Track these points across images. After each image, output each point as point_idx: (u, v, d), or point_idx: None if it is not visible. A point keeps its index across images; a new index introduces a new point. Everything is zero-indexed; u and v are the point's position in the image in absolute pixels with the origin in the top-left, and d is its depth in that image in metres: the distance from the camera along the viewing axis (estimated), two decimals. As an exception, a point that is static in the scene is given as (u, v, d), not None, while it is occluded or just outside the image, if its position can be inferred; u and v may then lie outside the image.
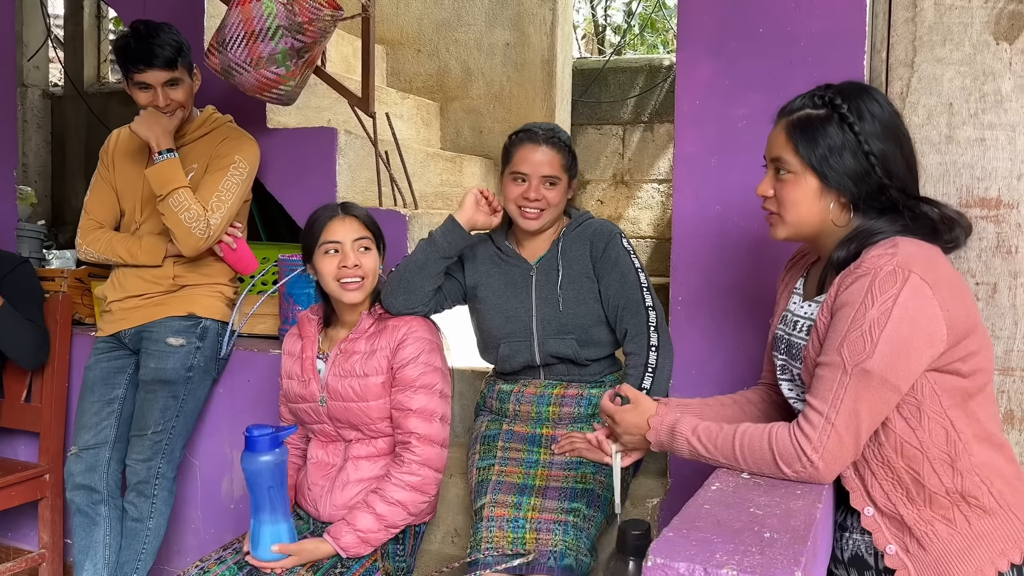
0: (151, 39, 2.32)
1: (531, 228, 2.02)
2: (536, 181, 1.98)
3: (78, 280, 2.96)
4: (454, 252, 2.03)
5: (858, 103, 1.35)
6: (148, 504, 2.43)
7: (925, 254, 1.29)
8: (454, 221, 2.00)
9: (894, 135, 1.36)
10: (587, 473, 1.96)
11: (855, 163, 1.33)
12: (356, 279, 1.94)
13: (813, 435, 1.25)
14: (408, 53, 4.12)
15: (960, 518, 1.30)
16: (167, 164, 2.35)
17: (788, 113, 1.41)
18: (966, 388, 1.30)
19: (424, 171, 3.36)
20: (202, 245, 2.39)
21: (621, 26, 6.62)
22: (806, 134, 1.36)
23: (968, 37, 1.84)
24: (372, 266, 1.97)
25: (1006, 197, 1.83)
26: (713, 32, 1.98)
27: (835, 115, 1.35)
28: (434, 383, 1.95)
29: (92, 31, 5.67)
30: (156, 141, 2.35)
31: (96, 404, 2.50)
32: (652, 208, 4.46)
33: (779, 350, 1.50)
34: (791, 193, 1.38)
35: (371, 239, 1.98)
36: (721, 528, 1.09)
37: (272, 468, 1.83)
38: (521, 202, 2.00)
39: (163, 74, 2.35)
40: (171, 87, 2.38)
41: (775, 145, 1.41)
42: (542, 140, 2.00)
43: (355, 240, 1.95)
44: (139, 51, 2.32)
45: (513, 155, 2.02)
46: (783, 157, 1.38)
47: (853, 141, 1.33)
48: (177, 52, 2.36)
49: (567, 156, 2.02)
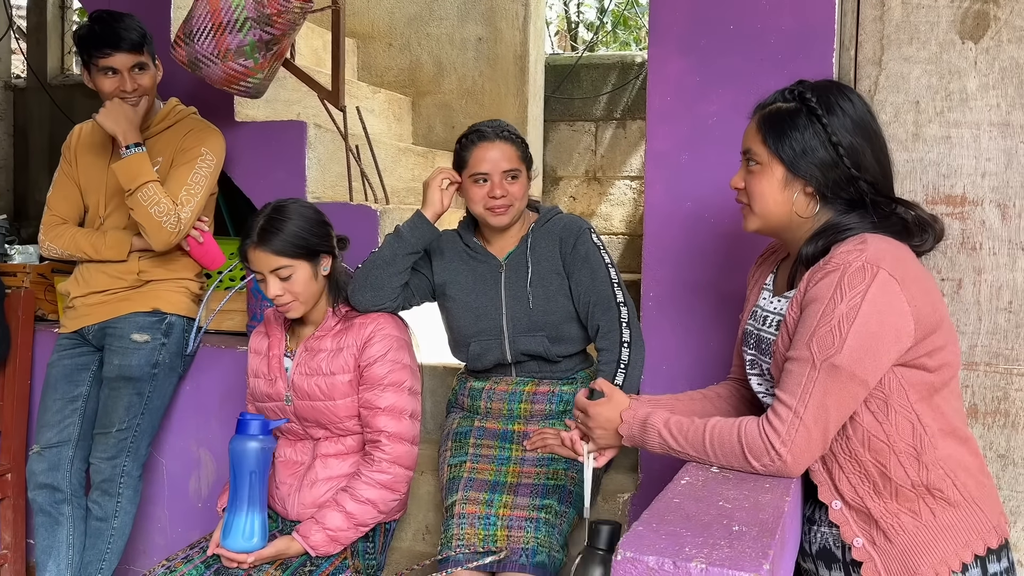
0: (116, 24, 2.30)
1: (502, 224, 2.01)
2: (498, 178, 1.97)
3: (41, 276, 2.90)
4: (421, 246, 2.01)
5: (828, 98, 1.37)
6: (113, 503, 2.39)
7: (893, 250, 1.30)
8: (421, 216, 1.99)
9: (864, 132, 1.37)
10: (559, 469, 1.95)
11: (823, 153, 1.35)
12: (287, 303, 1.91)
13: (782, 429, 1.26)
14: (379, 47, 4.08)
15: (925, 510, 1.31)
16: (135, 158, 2.31)
17: (761, 108, 1.43)
18: (932, 383, 1.31)
19: (395, 166, 3.34)
20: (173, 240, 2.35)
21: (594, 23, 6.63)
22: (774, 126, 1.38)
23: (935, 36, 1.86)
24: (300, 288, 1.90)
25: (971, 194, 1.85)
26: (684, 29, 1.98)
27: (804, 108, 1.37)
28: (403, 380, 1.94)
29: (56, 22, 5.56)
30: (123, 135, 2.30)
31: (59, 402, 2.46)
32: (624, 204, 4.48)
33: (748, 345, 1.51)
34: (758, 184, 1.40)
35: (289, 265, 1.87)
36: (690, 522, 1.09)
37: (257, 454, 1.83)
38: (487, 202, 1.98)
39: (130, 58, 2.31)
40: (138, 72, 2.34)
41: (747, 138, 1.43)
42: (494, 136, 1.98)
43: (272, 271, 1.88)
44: (104, 35, 2.29)
45: (468, 158, 1.99)
46: (752, 148, 1.41)
47: (821, 132, 1.35)
48: (143, 37, 2.33)
49: (521, 147, 2.02)
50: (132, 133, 2.32)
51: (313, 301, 1.95)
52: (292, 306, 1.91)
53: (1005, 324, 1.83)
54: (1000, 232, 1.83)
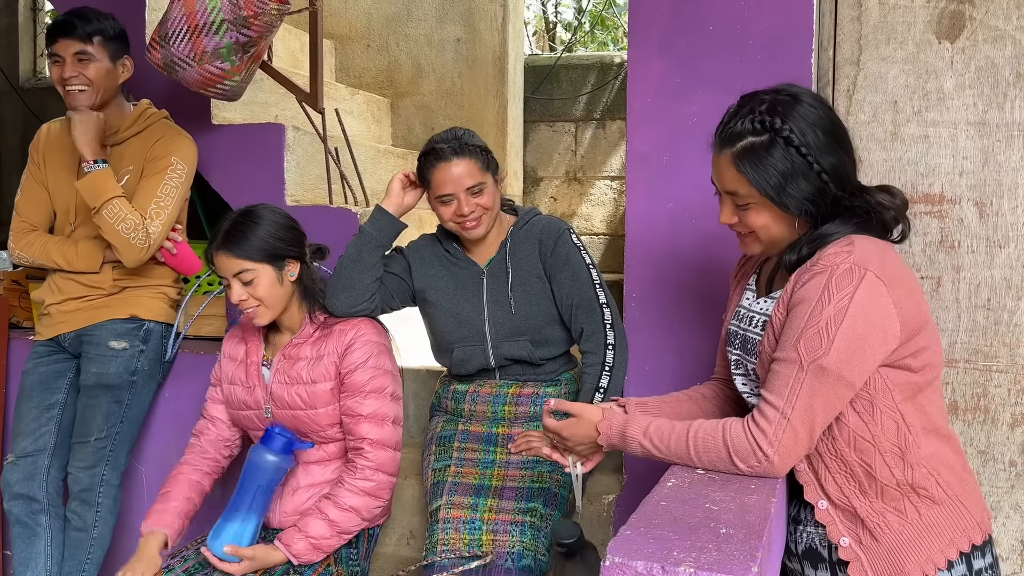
0: (73, 13, 2.28)
1: (478, 236, 1.99)
2: (463, 196, 1.93)
3: (15, 282, 2.86)
4: (386, 240, 2.00)
5: (795, 119, 1.31)
6: (92, 513, 2.35)
7: (879, 252, 1.30)
8: (381, 209, 1.99)
9: (838, 139, 1.34)
10: (543, 472, 1.95)
11: (809, 185, 1.31)
12: (251, 308, 1.89)
13: (768, 429, 1.26)
14: (357, 48, 4.06)
15: (911, 509, 1.32)
16: (98, 175, 2.25)
17: (728, 142, 1.35)
18: (916, 382, 1.32)
19: (375, 168, 3.32)
20: (143, 255, 2.29)
21: (572, 23, 6.64)
22: (755, 166, 1.32)
23: (912, 36, 1.87)
24: (264, 293, 1.88)
25: (948, 193, 1.87)
26: (664, 30, 1.98)
27: (779, 140, 1.31)
28: (384, 386, 1.92)
29: (28, 24, 5.48)
30: (84, 151, 2.25)
31: (34, 410, 2.41)
32: (605, 205, 4.48)
33: (733, 345, 1.51)
34: (757, 220, 1.36)
35: (250, 269, 1.86)
36: (677, 525, 1.09)
37: (272, 469, 1.84)
38: (457, 219, 1.96)
39: (72, 44, 2.27)
40: (81, 61, 2.29)
41: (726, 179, 1.37)
42: (451, 154, 1.92)
43: (235, 275, 1.87)
44: (57, 23, 2.28)
45: (431, 180, 1.95)
46: (739, 191, 1.35)
47: (803, 164, 1.30)
48: (97, 30, 2.29)
49: (481, 156, 1.95)
50: (95, 149, 2.26)
51: (280, 307, 1.92)
52: (258, 311, 1.89)
53: (984, 321, 1.85)
54: (978, 230, 1.85)
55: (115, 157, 2.38)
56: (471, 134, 1.99)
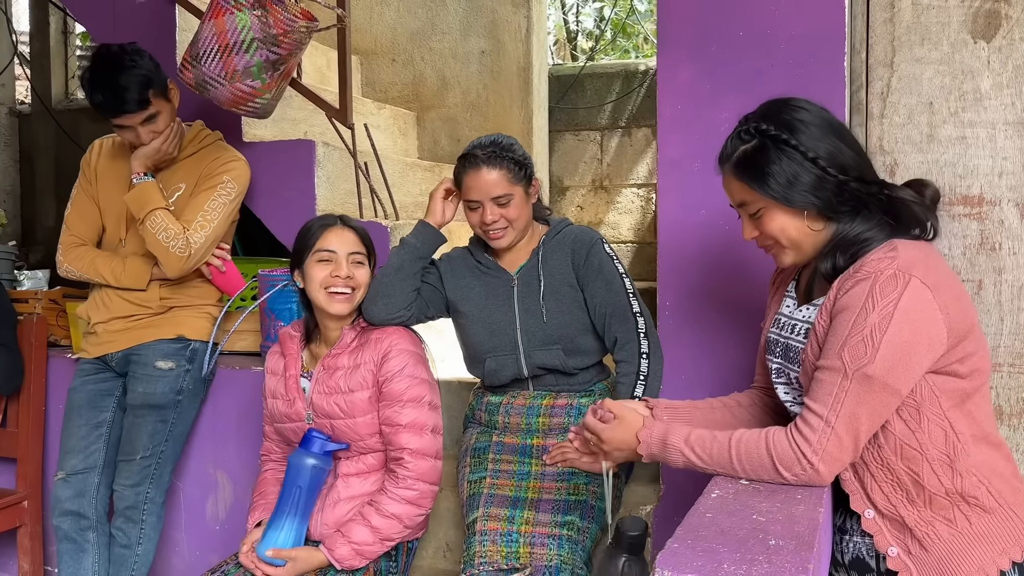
0: (115, 83, 2.23)
1: (501, 246, 2.01)
2: (488, 205, 1.95)
3: (53, 301, 2.90)
4: (427, 251, 2.03)
5: (783, 118, 1.35)
6: (137, 530, 2.38)
7: (924, 257, 1.29)
8: (424, 223, 2.03)
9: (832, 130, 1.36)
10: (579, 484, 1.94)
11: (807, 176, 1.33)
12: (346, 290, 1.92)
13: (813, 438, 1.24)
14: (383, 63, 4.09)
15: (961, 518, 1.29)
16: (145, 186, 2.32)
17: (726, 159, 1.41)
18: (964, 389, 1.30)
19: (403, 181, 3.34)
20: (184, 265, 2.33)
21: (593, 32, 6.64)
22: (752, 172, 1.36)
23: (946, 36, 1.85)
24: (364, 280, 1.95)
25: (988, 195, 1.84)
26: (693, 36, 1.98)
27: (767, 140, 1.34)
28: (422, 395, 1.93)
29: (59, 47, 5.58)
30: (134, 164, 2.33)
31: (83, 428, 2.44)
32: (632, 212, 4.47)
33: (774, 354, 1.50)
34: (773, 226, 1.38)
35: (364, 255, 1.97)
36: (725, 537, 1.08)
37: (311, 470, 1.88)
38: (482, 227, 1.98)
39: (137, 116, 2.29)
40: (149, 123, 2.32)
41: (734, 192, 1.42)
42: (483, 162, 1.94)
43: (350, 253, 1.94)
44: (108, 102, 2.25)
45: (463, 183, 1.98)
46: (745, 200, 1.39)
47: (796, 155, 1.33)
48: (146, 86, 2.26)
49: (513, 168, 1.95)
50: (146, 165, 2.34)
51: (357, 304, 1.98)
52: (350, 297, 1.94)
53: (1028, 324, 1.82)
54: (1019, 232, 1.81)
55: (168, 174, 2.43)
56: (511, 143, 2.00)
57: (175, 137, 2.39)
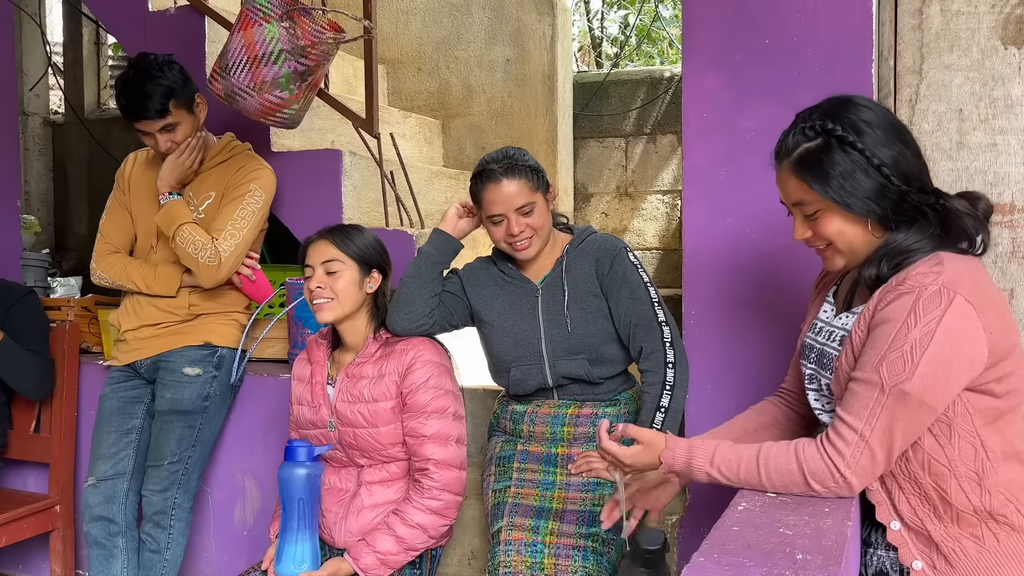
0: (140, 90, 2.30)
1: (529, 256, 2.00)
2: (513, 217, 1.94)
3: (85, 309, 2.95)
4: (445, 258, 2.04)
5: (849, 118, 1.30)
6: (165, 535, 2.41)
7: (970, 273, 1.25)
8: (438, 230, 2.04)
9: (897, 134, 1.31)
10: (605, 495, 1.93)
11: (870, 181, 1.28)
12: (323, 300, 1.94)
13: (847, 451, 1.23)
14: (408, 72, 4.12)
15: (988, 535, 1.27)
16: (172, 205, 2.38)
17: (786, 155, 1.35)
18: (998, 407, 1.28)
19: (428, 189, 3.36)
20: (217, 275, 2.37)
21: (618, 38, 6.64)
22: (814, 170, 1.31)
23: (976, 42, 1.83)
24: (342, 287, 1.94)
25: (1020, 202, 1.81)
26: (719, 44, 1.97)
27: (832, 140, 1.29)
28: (447, 406, 1.94)
29: (92, 58, 5.68)
30: (160, 184, 2.40)
31: (113, 434, 2.48)
32: (657, 219, 4.45)
33: (808, 359, 1.48)
34: (829, 227, 1.33)
35: (341, 261, 1.94)
36: (752, 551, 1.07)
37: (305, 480, 1.85)
38: (508, 239, 1.97)
39: (156, 123, 2.35)
40: (167, 132, 2.38)
41: (789, 191, 1.36)
42: (502, 175, 1.94)
43: (323, 262, 1.95)
44: (129, 105, 2.33)
45: (482, 199, 1.97)
46: (803, 200, 1.34)
47: (861, 160, 1.28)
48: (168, 97, 2.32)
49: (531, 175, 1.96)
50: (171, 184, 2.40)
51: (349, 309, 1.97)
52: (327, 305, 1.94)
53: (1062, 334, 1.79)
54: (1053, 240, 1.79)
55: (198, 184, 2.48)
56: (522, 153, 2.00)
57: (195, 151, 2.44)
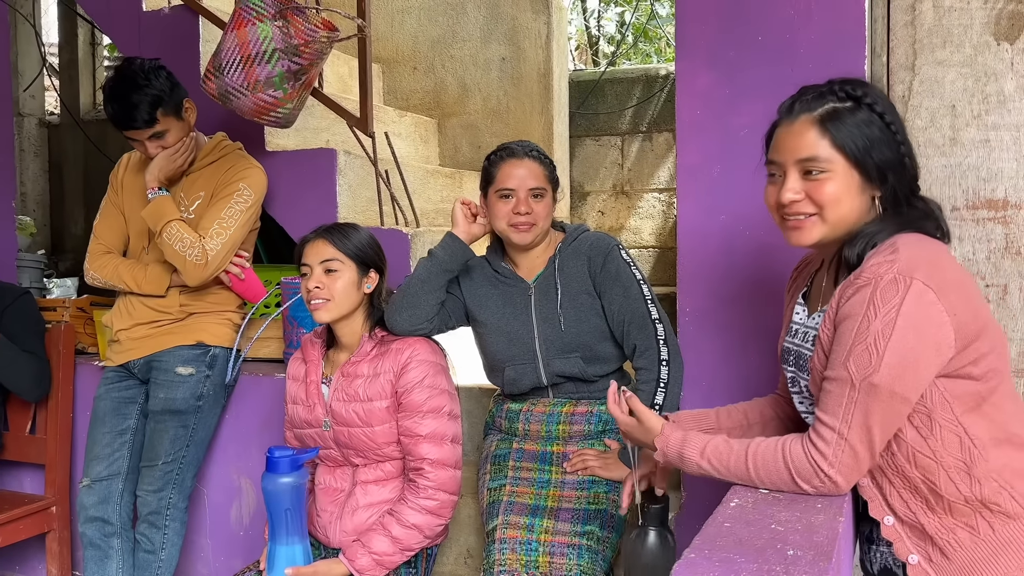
0: (127, 99, 2.31)
1: (524, 242, 2.00)
2: (524, 195, 1.97)
3: (80, 309, 2.95)
4: (455, 265, 2.03)
5: (874, 91, 1.33)
6: (160, 535, 2.41)
7: (928, 256, 1.24)
8: (452, 236, 2.02)
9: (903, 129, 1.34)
10: (600, 493, 1.93)
11: (892, 154, 1.29)
12: (321, 300, 1.94)
13: (828, 451, 1.23)
14: (404, 71, 4.12)
15: (983, 525, 1.27)
16: (159, 201, 2.38)
17: (808, 108, 1.32)
18: (979, 391, 1.27)
19: (424, 188, 3.35)
20: (203, 273, 2.37)
21: (614, 37, 6.63)
22: (843, 127, 1.29)
23: (968, 39, 1.83)
24: (340, 287, 1.94)
25: (1013, 198, 1.82)
26: (712, 41, 1.97)
27: (863, 106, 1.30)
28: (442, 406, 1.94)
29: (87, 59, 5.67)
30: (148, 179, 2.40)
31: (108, 435, 2.48)
32: (653, 217, 4.45)
33: (787, 362, 1.48)
34: (829, 190, 1.30)
35: (340, 260, 1.95)
36: (743, 547, 1.07)
37: (290, 490, 1.83)
38: (511, 218, 1.98)
39: (144, 132, 2.36)
40: (156, 139, 2.39)
41: (803, 144, 1.31)
42: (523, 154, 2.00)
43: (321, 262, 1.95)
44: (117, 114, 2.34)
45: (496, 174, 2.00)
46: (817, 155, 1.30)
47: (887, 132, 1.29)
48: (155, 106, 2.33)
49: (548, 168, 2.03)
50: (159, 180, 2.40)
51: (345, 310, 1.97)
52: (324, 305, 1.94)
53: (1055, 329, 1.79)
54: (1045, 235, 1.79)
55: (188, 184, 2.48)
56: (542, 149, 2.07)
57: (186, 152, 2.44)
